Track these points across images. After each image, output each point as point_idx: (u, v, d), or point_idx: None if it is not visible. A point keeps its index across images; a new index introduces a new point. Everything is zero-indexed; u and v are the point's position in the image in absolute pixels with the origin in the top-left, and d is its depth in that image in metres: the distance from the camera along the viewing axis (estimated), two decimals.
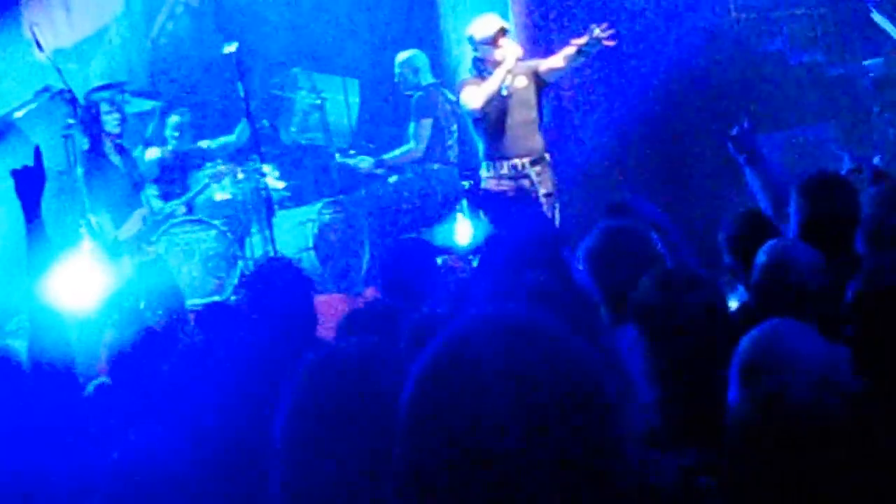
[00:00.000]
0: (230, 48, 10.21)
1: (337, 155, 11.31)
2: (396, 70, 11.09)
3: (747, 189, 6.71)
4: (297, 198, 11.33)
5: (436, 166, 10.99)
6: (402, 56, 11.14)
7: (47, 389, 4.76)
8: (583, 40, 8.75)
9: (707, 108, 10.89)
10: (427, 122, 10.90)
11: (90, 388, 5.49)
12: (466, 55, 10.02)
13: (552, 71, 9.21)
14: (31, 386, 4.94)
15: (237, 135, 11.03)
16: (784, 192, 5.84)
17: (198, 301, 10.17)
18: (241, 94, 10.18)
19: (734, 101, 10.82)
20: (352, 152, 11.44)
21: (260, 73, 11.75)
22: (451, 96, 10.91)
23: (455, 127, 10.98)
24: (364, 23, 12.37)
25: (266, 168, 10.61)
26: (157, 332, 6.14)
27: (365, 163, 11.21)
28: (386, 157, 11.15)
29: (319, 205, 10.98)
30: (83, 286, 8.23)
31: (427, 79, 11.04)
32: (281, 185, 10.95)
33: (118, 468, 3.51)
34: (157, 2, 12.65)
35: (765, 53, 11.59)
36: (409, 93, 11.06)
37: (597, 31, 8.67)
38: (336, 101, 12.06)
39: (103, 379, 5.67)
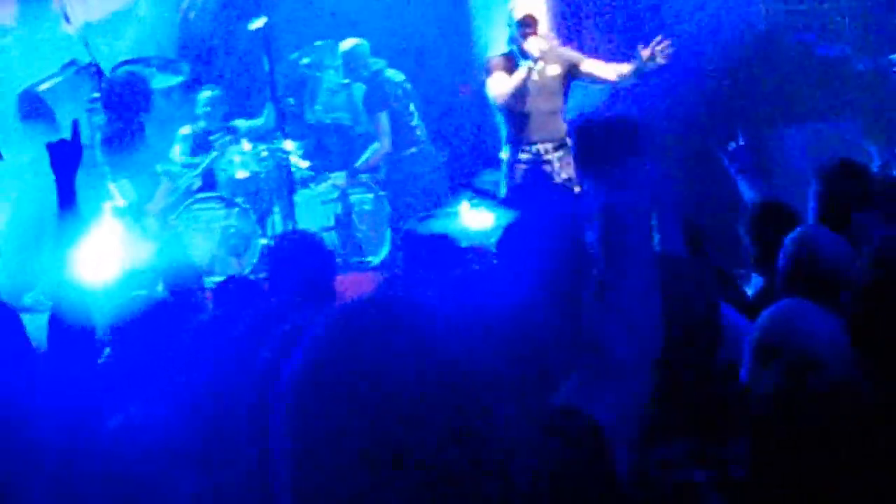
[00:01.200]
0: (258, 23, 10.17)
1: (311, 185, 11.00)
2: (339, 62, 10.99)
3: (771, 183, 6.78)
4: (319, 176, 11.29)
5: (412, 150, 10.89)
6: (346, 45, 11.01)
7: (65, 360, 4.76)
8: (644, 54, 8.77)
9: (735, 101, 10.85)
10: (383, 115, 10.76)
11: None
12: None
13: (594, 76, 9.20)
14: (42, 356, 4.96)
15: (265, 118, 11.00)
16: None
17: (217, 279, 10.21)
18: (267, 69, 10.14)
19: (762, 95, 10.80)
20: (324, 174, 11.15)
21: (286, 50, 11.68)
22: (397, 76, 10.86)
23: (413, 106, 10.91)
24: (392, 4, 12.32)
25: (289, 146, 10.59)
26: (167, 303, 6.13)
27: (339, 179, 10.95)
28: (358, 164, 11.02)
29: (343, 183, 10.93)
30: (104, 258, 8.26)
31: (371, 67, 10.94)
32: (304, 163, 10.90)
33: (115, 437, 3.51)
34: None
35: (792, 46, 11.52)
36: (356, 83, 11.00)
37: (646, 53, 8.69)
38: (400, 74, 11.96)
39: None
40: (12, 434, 4.05)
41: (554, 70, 9.16)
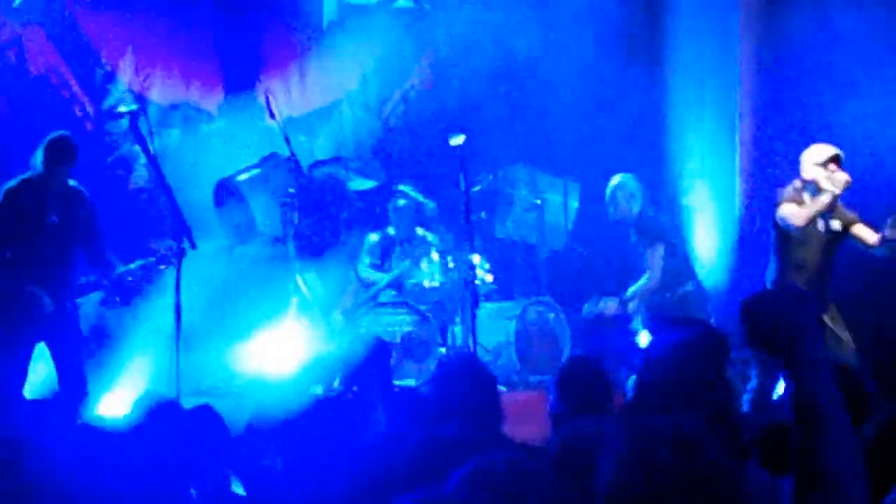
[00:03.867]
0: (457, 140, 10.20)
1: (585, 307, 10.90)
2: (608, 192, 10.67)
3: None
4: (503, 292, 11.29)
5: (690, 286, 10.57)
6: (615, 180, 10.70)
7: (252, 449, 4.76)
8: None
9: None
10: (660, 248, 10.41)
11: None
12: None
13: (861, 239, 9.17)
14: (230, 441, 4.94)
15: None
16: None
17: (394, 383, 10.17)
18: (462, 187, 10.16)
19: None
20: (594, 299, 11.04)
21: (482, 165, 11.71)
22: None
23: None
24: (589, 129, 12.33)
25: (476, 259, 10.57)
26: (342, 402, 6.08)
27: (612, 303, 10.69)
28: (627, 294, 10.65)
29: (525, 302, 10.91)
30: (288, 351, 8.30)
31: (638, 206, 10.57)
32: (489, 277, 10.88)
33: None
34: (392, 83, 12.81)
35: None
36: (618, 218, 10.69)
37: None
38: (554, 203, 11.99)
39: None
40: None
41: (836, 225, 9.12)
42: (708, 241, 12.15)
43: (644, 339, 9.34)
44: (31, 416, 5.07)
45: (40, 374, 8.87)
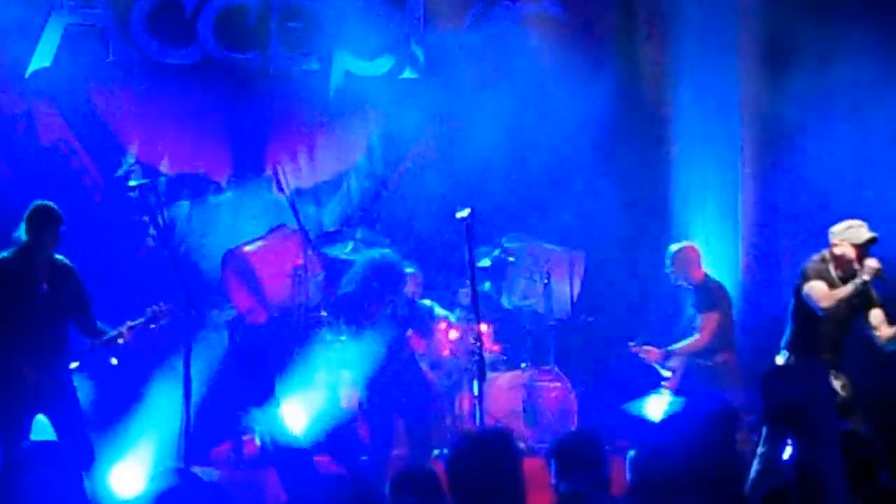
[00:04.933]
0: (462, 213, 10.27)
1: (630, 343, 11.11)
2: (670, 256, 11.00)
3: None
4: (510, 361, 11.35)
5: (720, 358, 10.86)
6: (677, 245, 11.08)
7: None
8: None
9: None
10: (713, 316, 10.82)
11: None
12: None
13: (872, 326, 9.12)
14: None
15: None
16: None
17: (400, 452, 10.27)
18: (468, 258, 10.22)
19: None
20: (639, 340, 11.24)
21: (487, 235, 11.80)
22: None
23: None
24: (594, 200, 12.46)
25: (482, 329, 10.63)
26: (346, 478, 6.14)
27: (656, 351, 11.01)
28: (674, 348, 10.99)
29: (532, 371, 10.98)
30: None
31: (701, 271, 10.97)
32: (496, 347, 10.97)
33: None
34: (398, 153, 12.96)
35: None
36: (681, 283, 11.02)
37: None
38: (560, 272, 12.07)
39: None
40: None
41: (857, 301, 9.11)
42: None
43: (653, 408, 9.40)
44: (36, 489, 5.12)
45: None
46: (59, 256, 8.81)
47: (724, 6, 12.55)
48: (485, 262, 11.35)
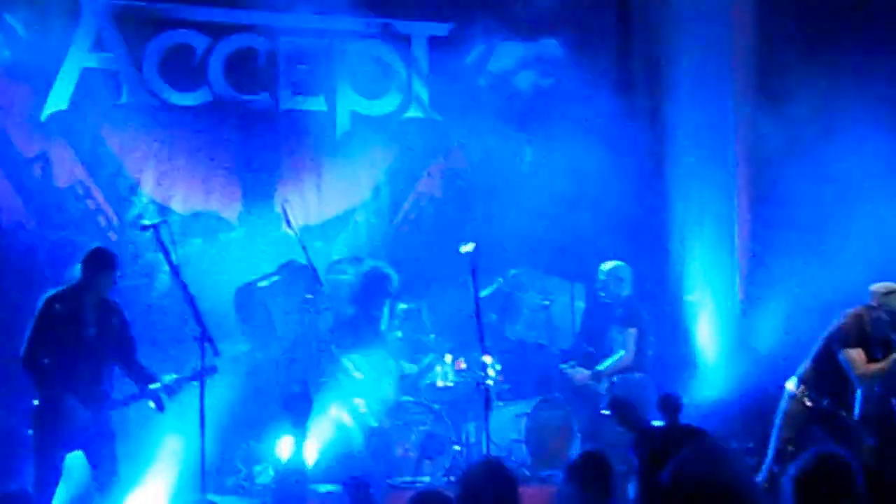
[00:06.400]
0: (467, 248, 10.45)
1: (562, 365, 11.62)
2: (601, 277, 11.64)
3: None
4: (515, 391, 11.57)
5: (637, 376, 11.24)
6: (608, 265, 11.70)
7: None
8: None
9: None
10: (634, 332, 11.47)
11: None
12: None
13: (850, 367, 9.29)
14: None
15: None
16: None
17: (407, 479, 10.47)
18: (472, 290, 10.39)
19: None
20: (572, 363, 11.71)
21: (491, 268, 12.01)
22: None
23: (653, 338, 11.34)
24: (594, 234, 12.63)
25: (487, 360, 10.85)
26: None
27: (580, 374, 11.62)
28: (600, 367, 11.44)
29: (536, 401, 11.21)
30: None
31: (627, 290, 11.61)
32: (500, 378, 11.20)
33: None
34: (404, 191, 13.22)
35: None
36: (608, 300, 11.66)
37: None
38: (562, 304, 12.34)
39: None
40: None
41: None
42: (710, 336, 12.49)
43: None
44: None
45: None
46: (107, 297, 9.07)
47: (717, 34, 12.76)
48: (486, 292, 11.56)
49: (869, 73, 11.67)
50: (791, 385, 9.40)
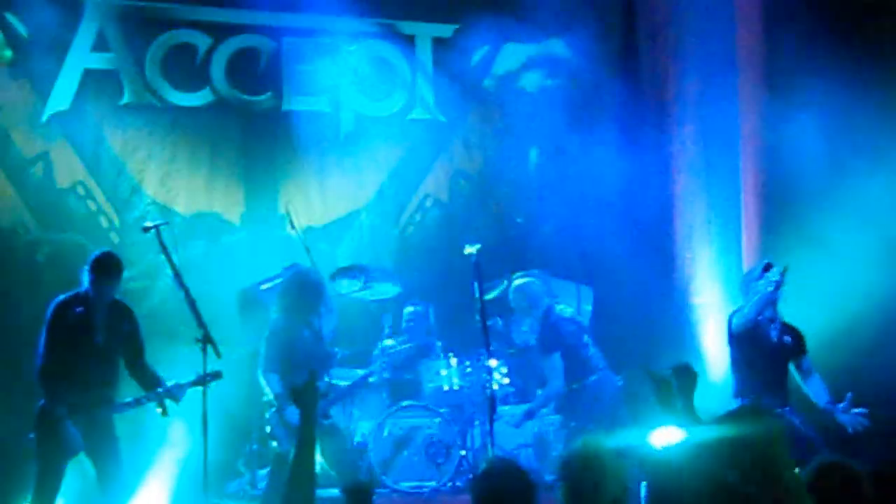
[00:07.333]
0: (471, 249, 10.37)
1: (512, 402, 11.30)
2: (511, 296, 10.96)
3: None
4: (521, 395, 11.47)
5: (593, 378, 10.76)
6: (517, 282, 10.98)
7: None
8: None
9: None
10: (556, 356, 10.56)
11: None
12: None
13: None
14: None
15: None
16: None
17: (413, 483, 10.38)
18: (477, 293, 10.31)
19: None
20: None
21: (496, 271, 11.93)
22: (566, 311, 10.88)
23: (587, 337, 10.80)
24: (600, 235, 12.58)
25: (493, 363, 10.76)
26: None
27: (515, 419, 10.85)
28: (532, 406, 10.83)
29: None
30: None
31: (543, 303, 10.81)
32: (506, 381, 11.10)
33: None
34: (409, 192, 13.15)
35: None
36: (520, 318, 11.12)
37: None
38: (569, 307, 12.21)
39: None
40: None
41: None
42: (718, 339, 12.39)
43: (660, 438, 9.46)
44: None
45: None
46: (117, 298, 8.97)
47: (725, 36, 12.69)
48: (492, 295, 11.45)
49: (878, 75, 11.60)
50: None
